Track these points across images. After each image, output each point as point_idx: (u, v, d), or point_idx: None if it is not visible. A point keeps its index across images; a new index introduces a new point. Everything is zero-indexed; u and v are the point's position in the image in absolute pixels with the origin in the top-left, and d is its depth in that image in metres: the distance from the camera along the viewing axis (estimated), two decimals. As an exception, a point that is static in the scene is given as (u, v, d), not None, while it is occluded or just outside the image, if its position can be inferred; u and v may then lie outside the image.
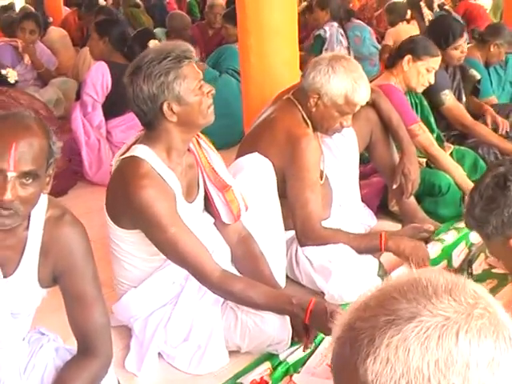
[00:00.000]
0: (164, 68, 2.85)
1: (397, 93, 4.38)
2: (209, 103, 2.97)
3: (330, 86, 3.47)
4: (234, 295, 2.97)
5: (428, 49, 4.44)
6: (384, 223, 4.40)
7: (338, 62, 3.50)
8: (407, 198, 4.10)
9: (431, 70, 4.43)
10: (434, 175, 4.37)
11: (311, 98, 3.52)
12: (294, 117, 3.59)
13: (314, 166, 3.52)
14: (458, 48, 5.07)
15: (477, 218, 2.10)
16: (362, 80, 3.49)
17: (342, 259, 3.48)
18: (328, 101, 3.49)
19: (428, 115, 4.70)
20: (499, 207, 2.03)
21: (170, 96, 2.87)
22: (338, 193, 3.98)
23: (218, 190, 3.18)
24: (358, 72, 3.51)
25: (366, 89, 3.51)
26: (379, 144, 4.16)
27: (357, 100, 3.48)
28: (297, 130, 3.53)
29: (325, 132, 3.66)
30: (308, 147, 3.48)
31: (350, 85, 3.46)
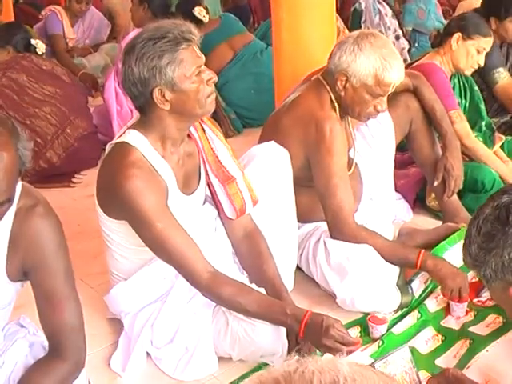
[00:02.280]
0: (158, 50, 2.59)
1: (439, 73, 4.02)
2: (208, 92, 2.70)
3: (357, 65, 3.15)
4: (224, 300, 2.74)
5: (480, 27, 4.07)
6: (420, 218, 4.08)
7: (365, 38, 3.16)
8: (449, 196, 3.77)
9: (482, 51, 4.05)
10: (477, 170, 3.99)
11: (339, 81, 3.21)
12: (321, 99, 3.28)
13: (339, 150, 3.21)
14: None
15: (473, 257, 1.75)
16: (392, 57, 3.15)
17: (362, 260, 3.17)
18: (357, 82, 3.17)
19: (478, 101, 4.32)
20: (498, 247, 1.68)
21: (163, 82, 2.62)
22: (370, 185, 3.67)
23: (219, 182, 2.90)
24: (387, 48, 3.17)
25: (398, 67, 3.16)
26: (419, 135, 3.81)
27: (388, 79, 3.14)
28: (320, 112, 3.23)
29: (357, 117, 3.35)
30: (332, 130, 3.18)
31: (378, 63, 3.12)
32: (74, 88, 5.12)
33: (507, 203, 1.69)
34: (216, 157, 2.92)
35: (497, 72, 4.58)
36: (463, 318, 3.10)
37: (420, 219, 4.06)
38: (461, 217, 3.77)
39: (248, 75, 5.64)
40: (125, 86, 2.70)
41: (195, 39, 2.66)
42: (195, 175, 2.93)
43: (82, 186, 4.80)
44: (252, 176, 3.10)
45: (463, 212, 3.82)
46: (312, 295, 3.35)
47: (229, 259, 3.05)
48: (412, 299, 3.20)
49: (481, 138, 4.22)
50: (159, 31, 2.61)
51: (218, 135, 2.97)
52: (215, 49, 5.68)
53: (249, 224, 3.05)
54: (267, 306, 2.70)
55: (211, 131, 2.94)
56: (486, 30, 4.04)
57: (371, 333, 3.03)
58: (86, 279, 3.42)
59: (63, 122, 4.90)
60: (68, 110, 4.97)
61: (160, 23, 2.70)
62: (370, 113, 3.25)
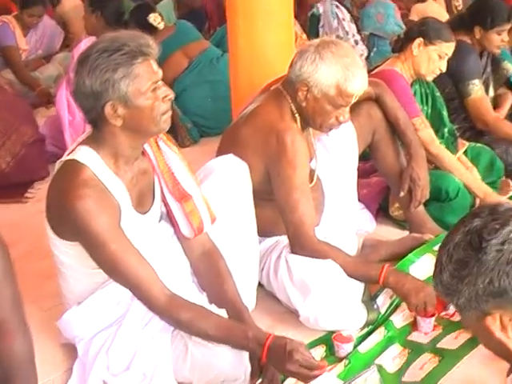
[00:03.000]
0: (113, 63, 2.44)
1: (400, 80, 3.92)
2: (163, 109, 2.56)
3: (319, 75, 3.03)
4: (182, 324, 2.62)
5: (442, 32, 3.97)
6: (383, 228, 3.98)
7: (326, 47, 3.05)
8: (415, 207, 3.68)
9: (444, 56, 3.96)
10: (441, 178, 3.89)
11: (300, 91, 3.10)
12: (281, 110, 3.17)
13: (301, 162, 3.10)
14: (501, 33, 4.58)
15: (445, 286, 1.62)
16: (355, 66, 3.04)
17: (326, 276, 3.06)
18: (318, 92, 3.06)
19: (441, 108, 4.22)
20: (472, 275, 1.55)
21: (116, 96, 2.47)
22: (332, 197, 3.55)
23: (175, 200, 2.77)
24: (350, 57, 3.05)
25: (361, 76, 3.06)
26: (383, 144, 3.70)
27: (350, 90, 3.03)
28: (280, 123, 3.11)
29: (319, 128, 3.24)
30: (293, 142, 3.06)
31: (340, 72, 3.01)
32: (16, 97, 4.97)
33: (479, 227, 1.56)
34: (172, 173, 2.80)
35: (472, 84, 4.49)
36: (432, 333, 3.00)
37: (383, 229, 3.96)
38: (428, 227, 3.68)
39: (204, 83, 5.51)
40: (76, 98, 2.57)
41: (153, 53, 2.53)
42: (150, 193, 2.80)
43: (34, 200, 4.63)
44: (210, 191, 2.99)
45: (430, 222, 3.73)
46: (274, 313, 3.24)
47: (187, 279, 2.93)
48: (378, 315, 3.10)
49: (444, 145, 4.12)
50: (115, 43, 2.48)
51: (174, 151, 2.83)
52: (170, 57, 5.53)
53: (206, 242, 2.92)
54: (227, 330, 2.58)
55: (167, 147, 2.81)
56: (449, 35, 3.95)
57: (337, 352, 2.92)
58: (38, 302, 3.25)
59: (8, 128, 4.76)
60: (12, 117, 4.84)
61: (117, 34, 2.56)
62: (332, 124, 3.15)
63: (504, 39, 4.59)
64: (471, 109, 4.53)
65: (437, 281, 1.64)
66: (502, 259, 1.51)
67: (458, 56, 4.44)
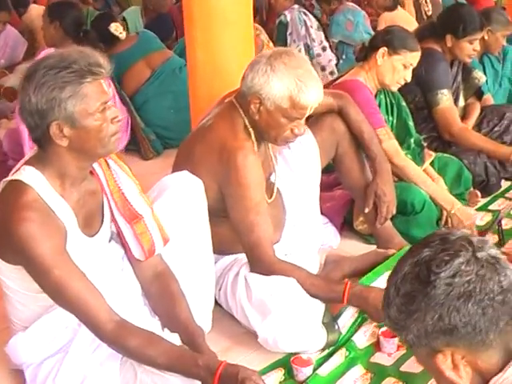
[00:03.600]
0: (60, 81, 2.34)
1: (363, 90, 3.82)
2: (112, 131, 2.46)
3: (271, 87, 2.92)
4: (130, 352, 2.51)
5: (407, 41, 3.86)
6: (348, 243, 3.88)
7: (278, 58, 2.93)
8: (381, 223, 3.55)
9: (409, 66, 3.86)
10: (406, 190, 3.78)
11: (252, 104, 2.98)
12: (234, 125, 3.06)
13: (254, 183, 3.00)
14: (472, 42, 4.49)
15: (393, 320, 1.51)
16: (308, 77, 2.93)
17: (286, 296, 2.94)
18: (271, 105, 2.95)
19: (406, 117, 4.13)
20: (420, 310, 1.43)
21: (62, 116, 2.37)
22: (294, 212, 3.45)
23: (126, 221, 2.66)
24: (303, 68, 2.94)
25: (315, 88, 2.94)
26: (347, 158, 3.59)
27: (304, 102, 2.92)
28: (232, 141, 3.00)
29: (274, 142, 3.13)
30: (245, 163, 2.96)
31: (293, 84, 2.89)
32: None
33: (428, 259, 1.46)
34: (122, 194, 2.69)
35: (440, 93, 4.40)
36: (395, 354, 2.90)
37: (348, 244, 3.86)
38: (395, 243, 3.57)
39: (167, 93, 5.41)
40: (21, 115, 2.45)
41: (103, 73, 2.42)
42: (98, 214, 2.69)
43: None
44: (164, 208, 2.88)
45: (397, 237, 3.62)
46: (233, 334, 3.13)
47: (138, 302, 2.81)
48: (339, 336, 2.99)
49: (410, 156, 4.03)
50: (64, 60, 2.37)
51: (125, 170, 2.72)
52: (132, 67, 5.45)
53: (159, 264, 2.81)
54: (178, 358, 2.47)
55: (117, 166, 2.70)
56: (414, 45, 3.85)
57: (296, 375, 2.81)
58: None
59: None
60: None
61: (67, 51, 2.46)
62: (287, 137, 3.04)
63: (476, 48, 4.51)
64: (438, 119, 4.44)
65: (385, 315, 1.54)
66: (453, 294, 1.42)
67: (428, 64, 4.37)
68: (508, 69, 5.41)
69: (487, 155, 4.46)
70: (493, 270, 1.44)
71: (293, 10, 7.14)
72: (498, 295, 1.42)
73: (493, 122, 4.80)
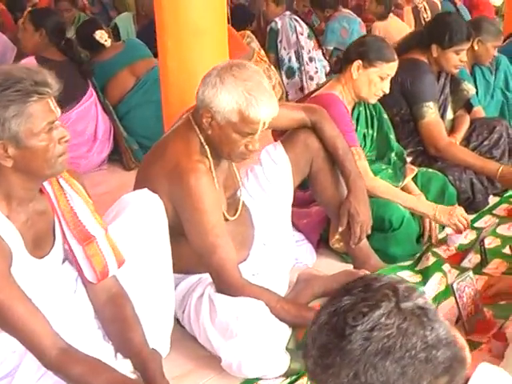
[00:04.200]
0: (5, 99, 2.24)
1: (338, 106, 3.68)
2: (59, 151, 2.36)
3: (219, 100, 2.79)
4: (74, 380, 2.40)
5: (382, 53, 3.71)
6: (324, 261, 3.77)
7: (228, 70, 2.81)
8: (355, 243, 3.40)
9: (386, 77, 3.72)
10: (384, 207, 3.66)
11: (204, 118, 2.86)
12: (188, 144, 2.95)
13: (210, 206, 2.88)
14: (459, 53, 4.33)
15: (310, 372, 1.38)
16: (258, 90, 2.78)
17: (252, 319, 2.82)
18: (221, 119, 2.82)
19: (388, 130, 3.99)
20: (335, 365, 1.29)
21: (6, 136, 2.26)
22: (263, 230, 3.35)
23: (77, 242, 2.55)
24: (253, 81, 2.80)
25: (266, 102, 2.79)
26: (322, 175, 3.45)
27: (254, 116, 2.77)
28: (185, 163, 2.88)
29: (228, 158, 3.00)
30: (198, 185, 2.84)
31: (242, 98, 2.76)
32: None
33: (346, 309, 1.32)
34: (74, 214, 2.57)
35: (426, 106, 4.26)
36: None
37: (324, 262, 3.75)
38: (371, 264, 3.45)
39: (150, 103, 5.27)
40: None
41: (50, 92, 2.31)
42: (49, 235, 2.59)
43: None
44: (123, 227, 2.76)
45: (374, 258, 3.50)
46: (196, 357, 3.03)
47: (91, 325, 2.69)
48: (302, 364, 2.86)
49: (390, 170, 3.91)
50: (10, 78, 2.27)
51: (77, 189, 2.61)
52: (117, 75, 5.36)
53: (113, 286, 2.69)
54: None
55: (69, 186, 2.59)
56: (390, 55, 3.71)
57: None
58: None
59: None
60: None
61: (13, 68, 2.37)
62: (242, 153, 2.91)
63: (462, 59, 4.35)
64: (424, 132, 4.31)
65: (304, 364, 1.41)
66: (370, 349, 1.27)
67: (413, 77, 4.25)
68: (501, 80, 5.26)
69: (474, 171, 4.31)
70: (417, 323, 1.30)
71: (284, 17, 7.06)
72: (420, 352, 1.28)
73: (482, 136, 4.64)
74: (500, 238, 3.96)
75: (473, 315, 3.05)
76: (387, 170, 3.90)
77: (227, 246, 2.91)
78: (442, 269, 3.50)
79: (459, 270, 3.55)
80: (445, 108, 4.56)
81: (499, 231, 4.06)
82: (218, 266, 2.90)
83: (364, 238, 3.41)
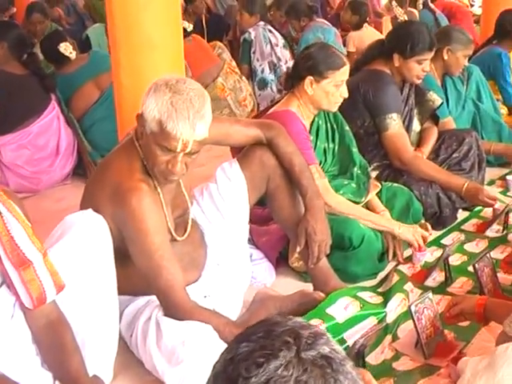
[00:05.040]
0: None
1: (295, 123, 3.57)
2: None
3: (147, 107, 2.67)
4: None
5: (330, 61, 3.59)
6: (283, 281, 3.65)
7: (167, 81, 2.69)
8: (314, 263, 3.26)
9: (341, 83, 3.61)
10: (343, 224, 3.55)
11: (139, 126, 2.77)
12: (130, 161, 2.83)
13: (153, 227, 2.76)
14: (421, 62, 4.22)
15: None
16: (185, 107, 2.62)
17: (199, 345, 2.70)
18: (147, 128, 2.69)
19: (350, 143, 3.88)
20: None
21: None
22: (217, 250, 3.24)
23: (13, 267, 2.44)
24: (184, 95, 2.64)
25: (190, 120, 2.62)
26: (279, 193, 3.32)
27: (171, 129, 2.61)
28: (127, 182, 2.76)
29: (154, 175, 2.83)
30: (140, 206, 2.72)
31: (165, 107, 2.61)
32: None
33: (241, 358, 1.18)
34: (11, 237, 2.45)
35: (389, 118, 4.16)
36: None
37: (283, 281, 3.63)
38: (331, 285, 3.30)
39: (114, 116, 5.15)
40: None
41: None
42: None
43: None
44: (65, 250, 2.65)
45: (333, 280, 3.35)
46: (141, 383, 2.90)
47: (30, 351, 2.57)
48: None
49: (354, 185, 3.81)
50: None
51: (15, 212, 2.49)
52: (81, 88, 5.27)
53: (52, 312, 2.57)
54: None
55: (5, 208, 2.47)
56: (339, 61, 3.58)
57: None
58: None
59: None
60: None
61: None
62: (164, 171, 2.75)
63: (425, 69, 4.25)
64: (388, 145, 4.20)
65: None
66: None
67: (376, 88, 4.15)
68: (472, 90, 5.19)
69: (440, 186, 4.21)
70: (319, 375, 1.16)
71: (257, 28, 6.97)
72: None
73: (451, 148, 4.54)
74: (467, 255, 3.85)
75: (432, 338, 2.94)
76: (350, 185, 3.79)
77: (173, 267, 2.79)
78: (403, 289, 3.39)
79: (422, 289, 3.45)
80: (410, 119, 4.46)
81: (467, 248, 3.96)
82: (164, 288, 2.78)
83: (323, 258, 3.29)
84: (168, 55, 3.59)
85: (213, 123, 2.81)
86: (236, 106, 6.30)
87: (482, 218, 4.36)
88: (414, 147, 4.48)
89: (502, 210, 4.13)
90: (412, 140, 4.46)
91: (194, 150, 2.70)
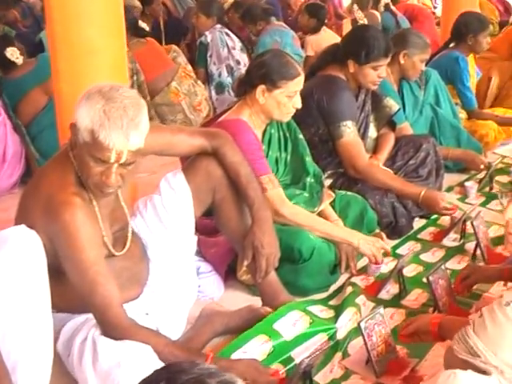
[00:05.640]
0: None
1: (245, 132, 3.45)
2: None
3: (79, 115, 2.52)
4: None
5: (284, 71, 3.45)
6: (232, 294, 3.52)
7: (101, 88, 2.55)
8: (262, 278, 3.12)
9: (294, 94, 3.48)
10: (293, 235, 3.42)
11: (72, 136, 2.62)
12: (64, 174, 2.69)
13: (87, 242, 2.62)
14: (377, 69, 4.11)
15: None
16: (118, 114, 2.47)
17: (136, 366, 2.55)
18: (80, 137, 2.54)
19: (303, 152, 3.76)
20: None
21: None
22: (161, 264, 3.09)
23: None
24: (118, 103, 2.50)
25: (125, 129, 2.47)
26: (225, 205, 3.18)
27: (104, 139, 2.46)
28: (60, 196, 2.62)
29: (88, 186, 2.68)
30: (72, 220, 2.58)
31: (97, 116, 2.46)
32: None
33: None
34: None
35: (343, 125, 4.05)
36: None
37: (232, 295, 3.50)
38: (280, 300, 3.16)
39: (63, 123, 5.05)
40: None
41: None
42: None
43: None
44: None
45: (283, 295, 3.21)
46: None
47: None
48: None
49: (306, 194, 3.69)
50: None
51: None
52: (28, 93, 5.13)
53: None
54: None
55: None
56: (293, 71, 3.45)
57: None
58: None
59: None
60: None
61: None
62: (97, 183, 2.61)
63: (381, 75, 4.14)
64: (342, 153, 4.09)
65: None
66: None
67: (329, 94, 4.05)
68: (430, 95, 5.11)
69: (396, 194, 4.10)
70: None
71: (214, 31, 6.86)
72: None
73: (408, 155, 4.45)
74: (423, 266, 3.74)
75: (384, 355, 2.82)
76: (302, 195, 3.67)
77: (109, 283, 2.65)
78: (355, 303, 3.27)
79: (376, 302, 3.35)
80: (366, 126, 4.36)
81: (423, 258, 3.85)
82: (100, 305, 2.64)
83: (271, 272, 3.16)
84: (110, 61, 3.44)
85: (153, 133, 2.71)
86: (190, 111, 6.17)
87: (439, 226, 4.27)
88: (371, 154, 4.38)
89: (459, 218, 4.04)
90: (368, 147, 4.36)
91: (129, 160, 2.56)
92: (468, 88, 5.62)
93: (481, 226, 3.84)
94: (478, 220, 3.83)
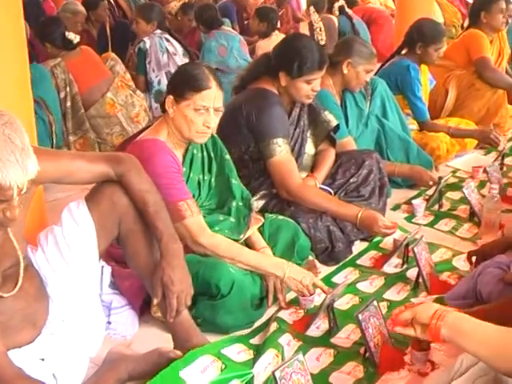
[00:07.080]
0: None
1: (162, 155, 3.16)
2: None
3: None
4: None
5: (192, 80, 3.17)
6: (148, 332, 3.22)
7: None
8: (172, 317, 2.83)
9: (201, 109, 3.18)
10: (211, 269, 3.12)
11: None
12: None
13: None
14: (310, 82, 3.84)
15: None
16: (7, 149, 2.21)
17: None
18: None
19: (229, 174, 3.47)
20: None
21: None
22: (62, 303, 2.78)
23: None
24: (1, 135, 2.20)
25: (21, 162, 2.22)
26: (132, 237, 2.88)
27: (2, 180, 2.20)
28: None
29: None
30: None
31: None
32: None
33: None
34: None
35: (274, 143, 3.77)
36: None
37: (148, 332, 3.20)
38: (193, 342, 2.86)
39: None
40: None
41: None
42: None
43: None
44: None
45: (196, 336, 2.89)
46: None
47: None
48: None
49: (232, 219, 3.40)
50: None
51: None
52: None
53: None
54: None
55: None
56: (203, 82, 3.15)
57: None
58: None
59: None
60: None
61: None
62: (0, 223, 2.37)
63: (315, 88, 3.86)
64: (273, 172, 3.81)
65: None
66: None
67: (260, 109, 3.76)
68: (377, 106, 4.82)
69: (332, 217, 3.81)
70: None
71: (153, 36, 6.63)
72: None
73: (349, 172, 4.17)
74: (359, 297, 3.45)
75: None
76: (227, 221, 3.39)
77: None
78: (277, 343, 2.97)
79: (303, 339, 3.07)
80: (302, 142, 4.08)
81: (360, 287, 3.56)
82: None
83: (183, 310, 2.85)
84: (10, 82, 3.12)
85: (50, 161, 2.53)
86: (128, 123, 5.86)
87: (381, 250, 3.99)
88: (308, 172, 4.09)
89: (402, 242, 3.75)
90: (306, 164, 4.09)
91: (28, 186, 2.31)
92: (419, 98, 5.33)
93: (423, 252, 3.56)
94: (420, 245, 3.55)
